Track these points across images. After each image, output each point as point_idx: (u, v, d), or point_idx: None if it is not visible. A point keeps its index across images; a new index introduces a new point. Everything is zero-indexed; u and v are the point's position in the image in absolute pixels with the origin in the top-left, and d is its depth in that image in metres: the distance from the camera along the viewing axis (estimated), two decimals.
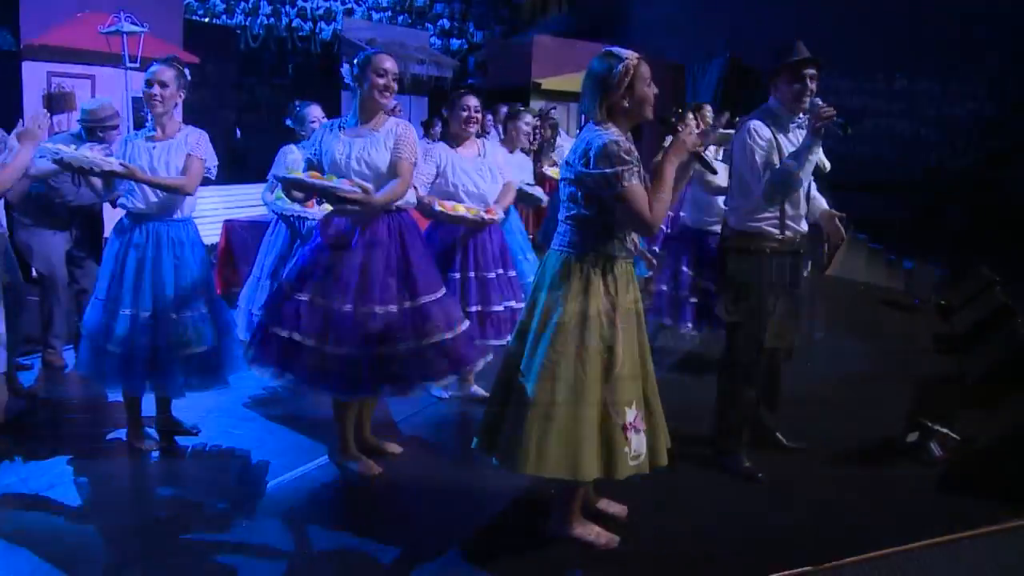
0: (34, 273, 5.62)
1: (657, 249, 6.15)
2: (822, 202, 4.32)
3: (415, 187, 4.38)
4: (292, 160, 5.19)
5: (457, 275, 4.74)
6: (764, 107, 4.07)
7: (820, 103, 3.87)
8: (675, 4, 18.89)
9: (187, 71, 4.13)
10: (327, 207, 4.14)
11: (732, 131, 4.23)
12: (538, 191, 5.93)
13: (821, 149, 4.02)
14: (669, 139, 3.23)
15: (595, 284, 3.13)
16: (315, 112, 5.37)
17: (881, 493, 3.98)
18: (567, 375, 3.10)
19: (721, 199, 4.93)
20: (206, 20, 17.19)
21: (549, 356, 3.12)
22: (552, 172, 7.56)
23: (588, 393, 3.10)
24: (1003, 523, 3.62)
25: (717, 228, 5.33)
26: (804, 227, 4.13)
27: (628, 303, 3.21)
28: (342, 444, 4.08)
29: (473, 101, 4.88)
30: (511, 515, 3.70)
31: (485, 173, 4.84)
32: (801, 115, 3.98)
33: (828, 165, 4.31)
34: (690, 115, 7.48)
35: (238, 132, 13.62)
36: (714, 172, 3.84)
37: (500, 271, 4.88)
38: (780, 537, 3.54)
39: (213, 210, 8.09)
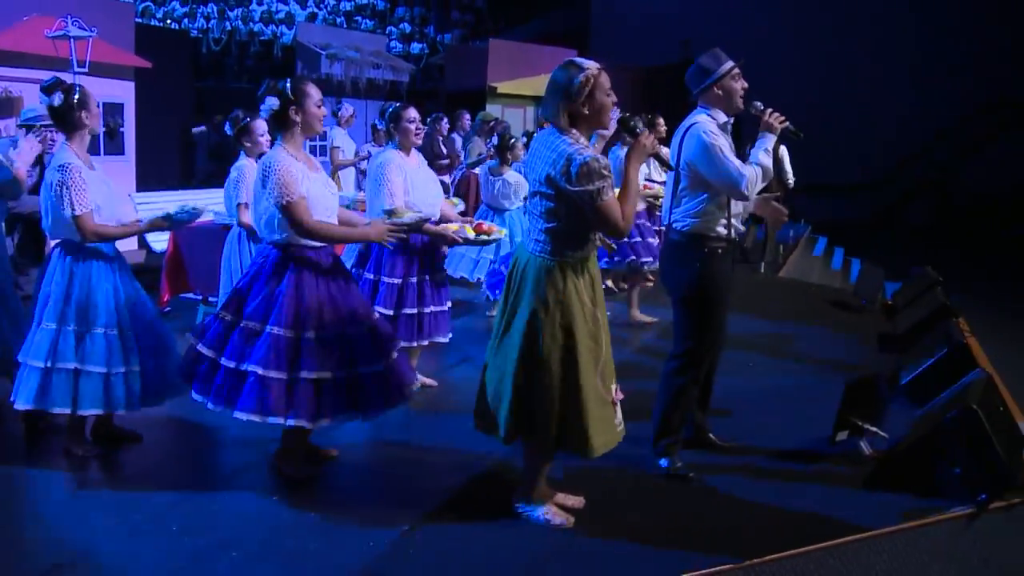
0: None
1: None
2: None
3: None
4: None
5: (414, 279, 4.99)
6: (698, 114, 4.10)
7: (760, 105, 4.06)
8: (637, 9, 19.04)
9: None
10: None
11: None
12: None
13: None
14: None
15: (579, 285, 3.37)
16: (262, 127, 5.39)
17: (809, 491, 4.05)
18: (564, 369, 3.34)
19: None
20: (167, 23, 17.13)
21: (544, 354, 3.33)
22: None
23: (586, 381, 3.36)
24: (924, 518, 3.74)
25: None
26: (742, 227, 4.23)
27: (600, 293, 3.49)
28: (289, 454, 4.06)
29: (415, 113, 5.03)
30: (459, 502, 3.82)
31: (430, 186, 5.06)
32: (731, 116, 4.09)
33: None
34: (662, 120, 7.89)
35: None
36: (671, 169, 3.95)
37: (442, 272, 5.22)
38: (707, 535, 3.60)
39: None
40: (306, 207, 3.74)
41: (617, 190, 3.33)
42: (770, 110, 4.04)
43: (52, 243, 4.23)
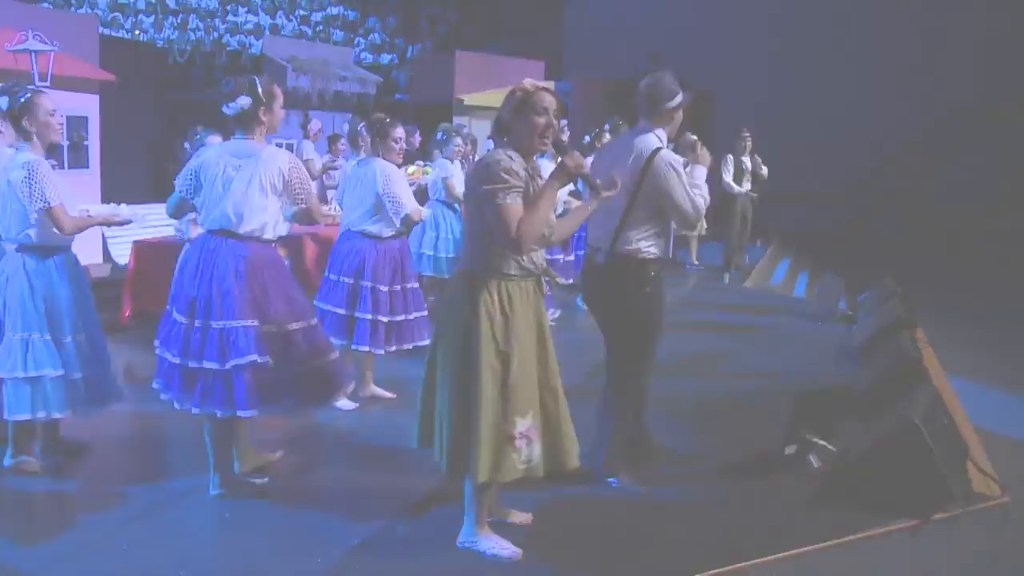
0: None
1: None
2: None
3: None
4: None
5: (398, 287, 5.24)
6: (648, 133, 4.11)
7: (692, 137, 4.31)
8: (609, 21, 19.12)
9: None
10: None
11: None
12: None
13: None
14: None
15: (490, 301, 3.23)
16: (215, 141, 5.42)
17: (759, 504, 4.10)
18: (462, 386, 3.23)
19: None
20: (135, 33, 17.04)
21: (449, 368, 3.28)
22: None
23: (481, 402, 3.20)
24: (868, 531, 3.81)
25: None
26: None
27: (527, 319, 3.32)
28: (222, 474, 4.01)
29: (401, 131, 5.25)
30: (413, 525, 3.81)
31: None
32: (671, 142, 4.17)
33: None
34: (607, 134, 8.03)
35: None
36: (599, 193, 3.90)
37: (414, 283, 5.44)
38: (658, 550, 3.63)
39: (127, 230, 7.97)
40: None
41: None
42: (699, 144, 4.19)
43: (8, 246, 4.14)
